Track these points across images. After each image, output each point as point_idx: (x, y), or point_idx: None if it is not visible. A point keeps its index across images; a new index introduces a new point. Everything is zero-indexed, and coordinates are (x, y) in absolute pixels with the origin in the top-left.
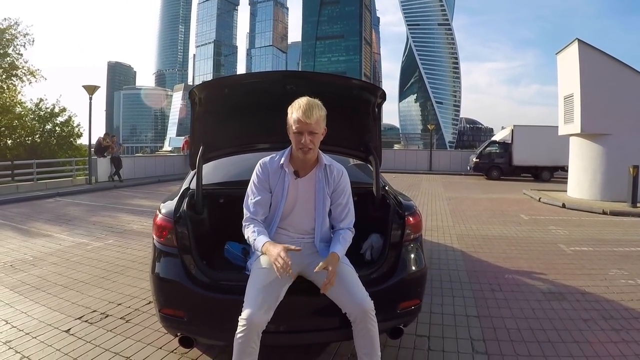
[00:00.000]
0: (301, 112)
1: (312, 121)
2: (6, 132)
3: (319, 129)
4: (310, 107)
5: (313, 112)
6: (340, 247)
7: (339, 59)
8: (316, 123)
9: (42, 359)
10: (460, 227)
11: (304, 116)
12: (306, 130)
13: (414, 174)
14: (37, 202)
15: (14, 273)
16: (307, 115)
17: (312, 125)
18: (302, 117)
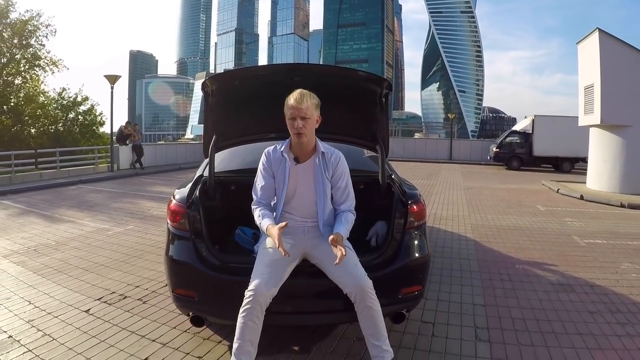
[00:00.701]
0: (293, 99)
1: (303, 106)
2: (30, 122)
3: (311, 114)
4: (301, 95)
5: (304, 99)
6: (343, 227)
7: (361, 46)
8: (307, 109)
9: (62, 337)
10: (476, 217)
11: (296, 102)
12: (298, 115)
13: (434, 162)
14: (60, 189)
15: (38, 257)
16: (298, 101)
17: (303, 110)
18: (294, 103)
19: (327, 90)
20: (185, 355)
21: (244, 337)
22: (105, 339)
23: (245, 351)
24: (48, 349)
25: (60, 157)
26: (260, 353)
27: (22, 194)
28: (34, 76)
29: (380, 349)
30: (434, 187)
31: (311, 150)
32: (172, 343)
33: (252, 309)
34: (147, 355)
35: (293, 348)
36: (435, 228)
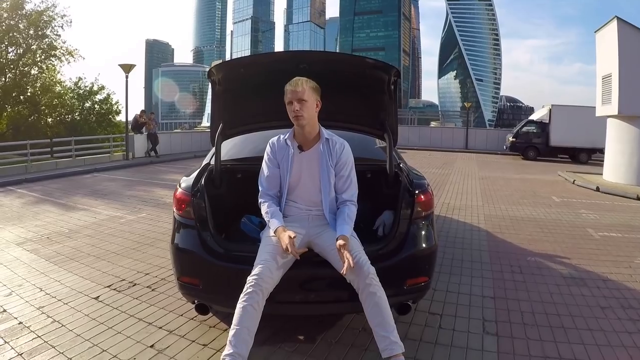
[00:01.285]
0: (289, 84)
1: (299, 89)
2: (46, 111)
3: (309, 98)
4: (298, 80)
5: (299, 83)
6: (347, 227)
7: (377, 34)
8: (303, 91)
9: (71, 323)
10: (489, 207)
11: (291, 86)
12: (295, 98)
13: (449, 151)
14: (75, 178)
15: (50, 245)
16: (293, 85)
17: (299, 92)
18: (290, 87)
19: (334, 77)
20: (191, 342)
21: (242, 323)
22: (113, 325)
23: (242, 339)
24: (57, 335)
25: (75, 146)
26: (265, 342)
27: (38, 182)
28: (50, 66)
29: (388, 340)
30: (448, 177)
31: (315, 137)
32: (179, 330)
33: (254, 293)
34: (154, 342)
35: (298, 337)
36: (448, 218)
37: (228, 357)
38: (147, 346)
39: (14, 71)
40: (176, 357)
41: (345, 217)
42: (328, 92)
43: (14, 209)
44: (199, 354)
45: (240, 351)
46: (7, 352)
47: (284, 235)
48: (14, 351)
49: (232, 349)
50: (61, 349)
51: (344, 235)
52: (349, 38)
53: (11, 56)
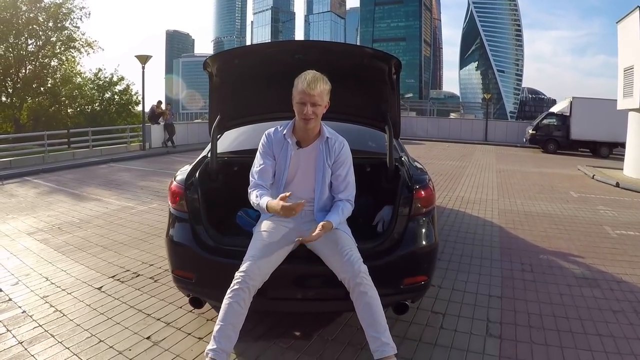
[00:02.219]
0: (306, 83)
1: (315, 93)
2: (67, 102)
3: (322, 101)
4: (314, 80)
5: (317, 85)
6: (337, 217)
7: (398, 24)
8: (319, 95)
9: (72, 313)
10: (504, 202)
11: (308, 88)
12: (309, 101)
13: (468, 143)
14: (91, 168)
15: (60, 235)
16: (311, 87)
17: (315, 97)
18: (306, 89)
19: (331, 68)
20: (187, 335)
21: (226, 319)
22: (113, 316)
23: (226, 335)
24: (57, 324)
25: (92, 137)
26: (260, 338)
27: (54, 173)
28: (69, 58)
29: (379, 341)
30: (465, 169)
31: (315, 135)
32: (176, 323)
33: (240, 290)
34: (150, 334)
35: (294, 334)
36: (461, 212)
37: (211, 352)
38: (143, 337)
39: (34, 63)
40: (171, 350)
41: (338, 210)
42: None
43: (29, 199)
44: (193, 346)
45: (223, 347)
46: (8, 340)
47: (276, 203)
48: (14, 339)
49: (216, 344)
50: (60, 338)
51: (329, 222)
52: (369, 28)
53: (31, 48)
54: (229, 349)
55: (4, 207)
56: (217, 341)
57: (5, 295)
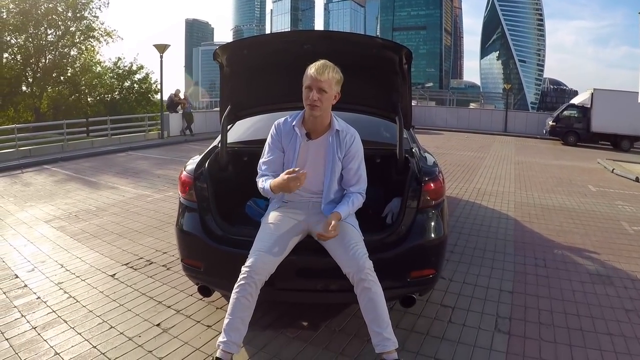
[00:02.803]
0: (314, 69)
1: (322, 79)
2: (86, 91)
3: (330, 89)
4: (324, 66)
5: (326, 71)
6: (346, 207)
7: (418, 13)
8: (327, 82)
9: (85, 299)
10: (521, 194)
11: (316, 73)
12: (316, 86)
13: (487, 134)
14: (109, 157)
15: (77, 222)
16: (319, 72)
17: (322, 82)
18: (314, 74)
19: (341, 58)
20: (196, 323)
21: (234, 313)
22: (125, 303)
23: (235, 328)
24: (70, 310)
25: (111, 125)
26: (268, 327)
27: (72, 161)
28: (89, 47)
29: (381, 336)
30: (483, 160)
31: (325, 126)
32: (186, 310)
33: (246, 285)
34: (160, 321)
35: (302, 324)
36: (477, 204)
37: (222, 344)
38: (153, 324)
39: (54, 52)
40: (180, 337)
41: (348, 201)
42: None
43: (47, 187)
44: (202, 334)
45: (233, 339)
46: (22, 325)
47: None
48: (28, 325)
49: (226, 337)
50: (72, 324)
51: (337, 213)
52: (389, 16)
53: (50, 38)
54: (239, 340)
55: (22, 195)
56: (227, 334)
57: (21, 281)
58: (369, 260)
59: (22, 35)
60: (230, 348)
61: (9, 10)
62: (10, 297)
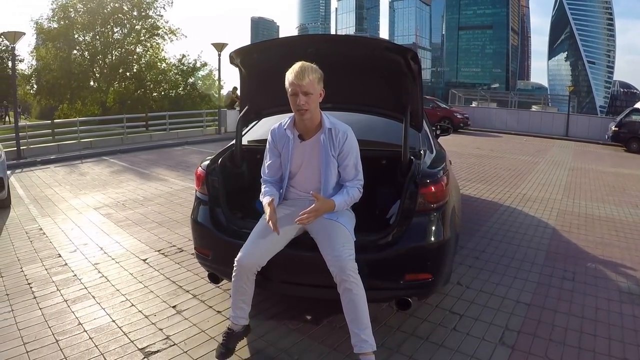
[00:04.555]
0: (293, 74)
1: (304, 82)
2: (151, 86)
3: (313, 90)
4: (302, 70)
5: (305, 74)
6: (340, 197)
7: (485, 11)
8: (309, 84)
9: (115, 279)
10: (567, 202)
11: (296, 79)
12: (300, 91)
13: (548, 138)
14: (166, 150)
15: (123, 210)
16: (299, 77)
17: (304, 86)
18: (295, 80)
19: (345, 60)
20: (208, 307)
21: (235, 296)
22: (149, 285)
23: (239, 307)
24: (100, 288)
25: (169, 120)
26: (272, 317)
27: (130, 153)
28: (154, 45)
29: (359, 337)
30: (536, 165)
31: (316, 126)
32: (202, 296)
33: (238, 276)
34: (176, 304)
35: (306, 317)
36: (517, 210)
37: (232, 317)
38: (169, 306)
39: (120, 50)
40: (190, 319)
41: (344, 191)
42: (339, 75)
43: (102, 177)
44: (210, 318)
45: (239, 315)
46: (56, 297)
47: (268, 209)
48: (61, 298)
49: (233, 312)
50: (99, 300)
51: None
52: (455, 15)
53: (117, 36)
54: (244, 315)
55: (78, 183)
56: (233, 310)
57: (62, 260)
58: (353, 262)
59: (89, 33)
60: (237, 321)
61: (76, 10)
62: (50, 273)
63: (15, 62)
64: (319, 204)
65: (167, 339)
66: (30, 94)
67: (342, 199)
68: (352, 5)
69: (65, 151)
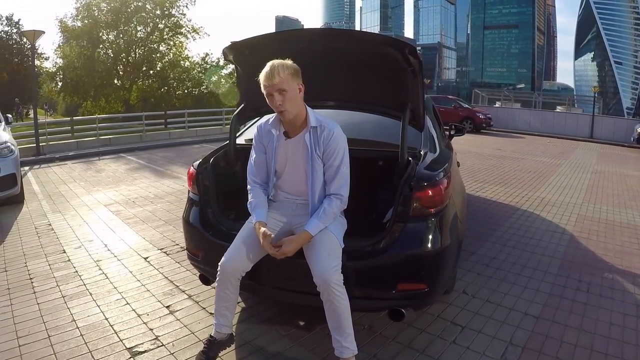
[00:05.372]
0: (264, 76)
1: (276, 81)
2: (175, 84)
3: (287, 86)
4: (271, 69)
5: (275, 73)
6: (317, 222)
7: (510, 11)
8: (282, 81)
9: (114, 277)
10: (587, 207)
11: (267, 79)
12: (274, 90)
13: (572, 140)
14: (183, 148)
15: (132, 208)
16: (269, 77)
17: (277, 84)
18: (265, 81)
19: (339, 56)
20: (201, 309)
21: (218, 302)
22: (147, 283)
23: (221, 314)
24: (98, 285)
25: (188, 118)
26: (265, 321)
27: (148, 150)
28: (177, 43)
29: (340, 344)
30: (558, 168)
31: (302, 124)
32: (197, 297)
33: (221, 281)
34: (170, 304)
35: (298, 323)
36: (534, 215)
37: (215, 325)
38: (163, 306)
39: (143, 48)
40: (181, 319)
41: (320, 212)
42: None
43: (117, 174)
44: (202, 320)
45: (221, 322)
46: (54, 293)
47: (260, 233)
48: (59, 294)
49: (216, 320)
50: (95, 297)
51: (306, 233)
52: (480, 15)
53: (140, 34)
54: (227, 323)
55: (93, 180)
56: (216, 317)
57: (66, 256)
58: (338, 274)
59: (113, 32)
60: (220, 329)
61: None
62: (53, 268)
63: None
64: (291, 246)
65: (156, 339)
66: (54, 91)
67: (318, 223)
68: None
69: (84, 148)
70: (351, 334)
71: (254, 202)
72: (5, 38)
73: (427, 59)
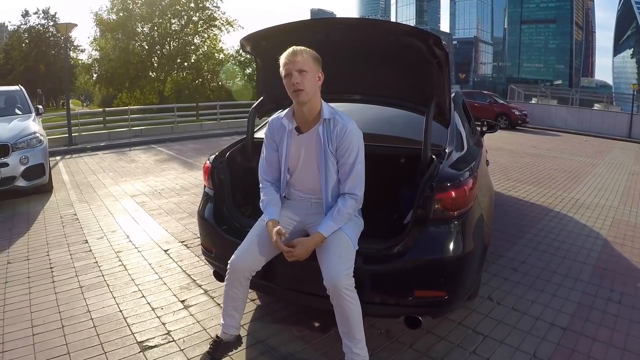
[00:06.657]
0: (285, 55)
1: (297, 59)
2: (209, 76)
3: (309, 68)
4: (294, 50)
5: (298, 52)
6: (331, 223)
7: (548, 5)
8: (303, 61)
9: (133, 269)
10: (623, 210)
11: (288, 57)
12: (293, 69)
13: (609, 139)
14: (214, 139)
15: (158, 199)
16: (290, 55)
17: (298, 62)
18: (287, 59)
19: (359, 47)
20: (216, 305)
21: (227, 302)
22: (164, 276)
23: (229, 314)
24: (116, 277)
25: (220, 110)
26: (279, 321)
27: (179, 142)
28: (212, 36)
29: (350, 350)
30: (594, 168)
31: (315, 117)
32: (213, 292)
33: (230, 280)
34: (185, 298)
35: (313, 324)
36: (567, 217)
37: (222, 326)
38: (178, 300)
39: (178, 40)
40: (195, 315)
41: (334, 213)
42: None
43: (146, 165)
44: (215, 316)
45: (229, 323)
46: (73, 284)
47: (272, 231)
48: (77, 284)
49: (223, 320)
50: (112, 288)
51: (319, 234)
52: (517, 9)
53: (174, 27)
54: (235, 324)
55: (122, 170)
56: (224, 318)
57: (88, 246)
58: (349, 278)
59: (147, 25)
60: (227, 330)
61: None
62: (73, 258)
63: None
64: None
65: (168, 334)
66: (90, 82)
67: (332, 224)
68: None
69: (116, 139)
70: (362, 340)
71: (266, 199)
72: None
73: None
